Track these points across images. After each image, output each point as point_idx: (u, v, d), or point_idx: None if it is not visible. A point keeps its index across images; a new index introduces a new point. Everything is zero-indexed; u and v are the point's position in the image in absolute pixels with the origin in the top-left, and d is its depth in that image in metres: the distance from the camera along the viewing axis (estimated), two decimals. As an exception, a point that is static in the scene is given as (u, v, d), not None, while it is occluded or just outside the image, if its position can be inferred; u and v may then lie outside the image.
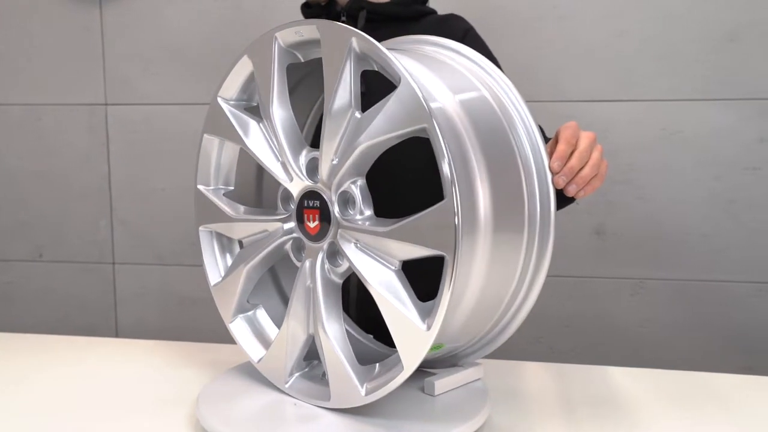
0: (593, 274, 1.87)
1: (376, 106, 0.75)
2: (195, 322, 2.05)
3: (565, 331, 1.89)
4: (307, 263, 0.85)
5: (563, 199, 0.88)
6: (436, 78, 0.83)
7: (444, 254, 0.70)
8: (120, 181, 2.06)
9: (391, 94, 0.74)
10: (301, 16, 1.28)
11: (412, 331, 0.74)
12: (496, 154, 0.80)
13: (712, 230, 1.80)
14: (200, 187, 1.00)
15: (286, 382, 0.89)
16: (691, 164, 1.79)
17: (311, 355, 0.91)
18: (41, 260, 2.13)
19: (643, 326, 1.87)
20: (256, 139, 0.90)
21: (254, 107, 0.95)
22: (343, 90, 0.78)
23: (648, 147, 1.80)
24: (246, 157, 1.00)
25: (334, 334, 0.82)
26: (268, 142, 0.88)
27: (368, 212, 0.81)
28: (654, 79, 1.78)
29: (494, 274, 0.80)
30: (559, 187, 0.84)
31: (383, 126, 0.74)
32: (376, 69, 0.79)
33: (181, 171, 2.00)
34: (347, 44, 0.77)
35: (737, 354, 1.83)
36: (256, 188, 1.07)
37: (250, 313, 0.99)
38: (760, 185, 1.77)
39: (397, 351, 0.92)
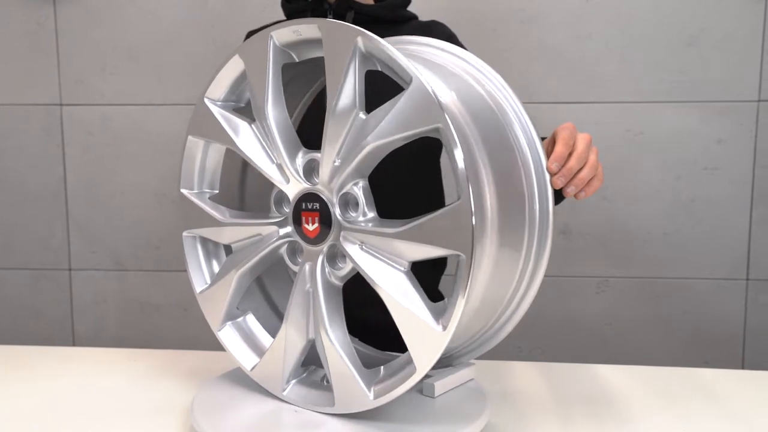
0: (559, 273, 1.90)
1: (383, 106, 0.74)
2: (159, 330, 1.99)
3: (531, 330, 1.91)
4: (307, 267, 0.83)
5: (557, 200, 0.89)
6: (437, 78, 0.83)
7: (460, 254, 0.70)
8: (76, 184, 1.98)
9: (401, 93, 0.73)
10: (280, 12, 1.26)
11: (425, 332, 0.73)
12: (498, 153, 0.80)
13: (673, 229, 1.86)
14: (184, 191, 0.96)
15: (284, 389, 0.87)
16: (653, 165, 1.84)
17: (307, 361, 0.89)
18: (-9, 267, 2.03)
19: (608, 323, 1.91)
20: (248, 141, 0.87)
21: (242, 108, 0.93)
22: (348, 90, 0.77)
23: (612, 148, 1.84)
24: (228, 159, 0.98)
25: (338, 339, 0.81)
26: (261, 143, 0.86)
27: (371, 214, 0.80)
28: (617, 81, 1.82)
29: (498, 273, 0.80)
30: (557, 188, 0.85)
31: (393, 126, 0.73)
32: (379, 69, 0.78)
33: (142, 174, 1.94)
34: (353, 44, 0.75)
35: (696, 348, 1.89)
36: (239, 192, 1.04)
37: (239, 319, 0.96)
38: (719, 185, 1.83)
39: (393, 355, 0.92)
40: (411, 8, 1.27)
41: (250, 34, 1.27)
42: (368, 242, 0.78)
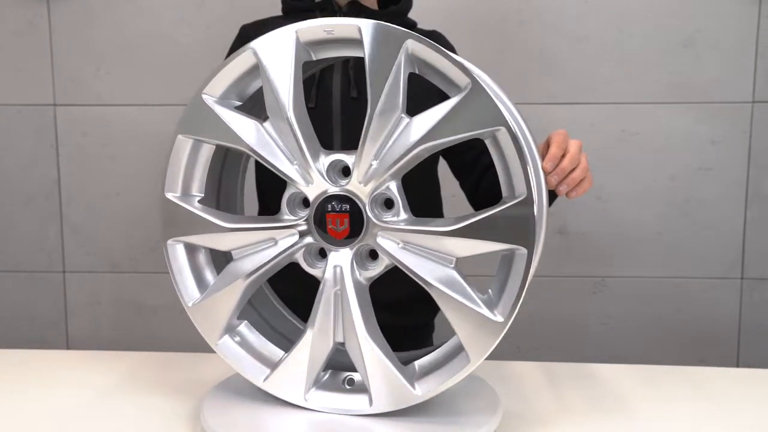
0: (556, 273, 1.91)
1: (432, 109, 0.77)
2: (156, 332, 1.98)
3: (530, 330, 1.92)
4: (336, 269, 0.82)
5: (550, 200, 0.98)
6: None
7: (518, 248, 0.76)
8: (70, 185, 1.96)
9: (455, 97, 0.77)
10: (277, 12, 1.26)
11: (481, 323, 0.77)
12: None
13: (667, 228, 1.87)
14: (169, 195, 0.89)
15: (307, 398, 0.85)
16: (648, 165, 1.85)
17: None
18: (-17, 270, 2.01)
19: (605, 323, 1.92)
20: (262, 141, 0.84)
21: (240, 106, 0.89)
22: (392, 92, 0.77)
23: (608, 148, 1.85)
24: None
25: (375, 338, 0.81)
26: (276, 143, 0.83)
27: (406, 213, 0.81)
28: (613, 82, 1.84)
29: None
30: (551, 187, 0.90)
31: (448, 128, 0.77)
32: (417, 72, 0.80)
33: (137, 175, 1.93)
34: (402, 46, 0.77)
35: (692, 347, 1.91)
36: (215, 194, 0.98)
37: (238, 329, 0.92)
38: (712, 185, 1.85)
39: (415, 352, 0.90)
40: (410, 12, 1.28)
41: (244, 28, 1.26)
42: (412, 241, 0.80)
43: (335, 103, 1.12)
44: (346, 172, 0.83)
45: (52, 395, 1.01)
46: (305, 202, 0.84)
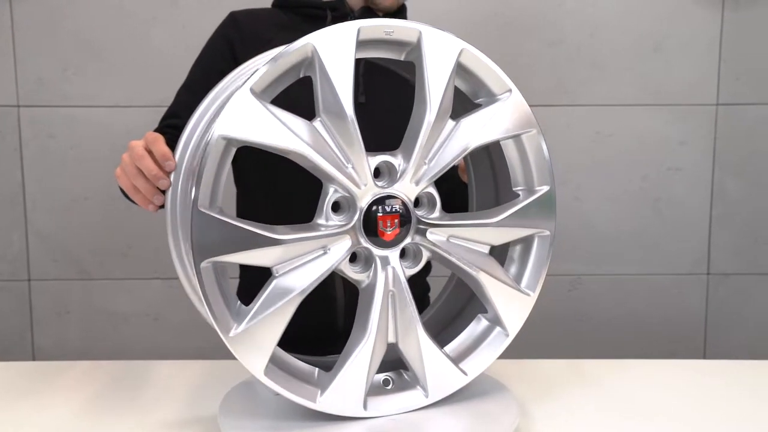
0: (533, 272, 1.94)
1: (477, 113, 0.83)
2: (128, 340, 1.91)
3: (508, 329, 1.95)
4: (389, 270, 0.81)
5: None
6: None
7: (544, 230, 0.89)
8: (35, 189, 1.88)
9: (498, 102, 0.85)
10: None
11: (516, 299, 0.88)
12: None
13: (640, 227, 1.94)
14: (207, 210, 0.74)
15: (366, 407, 0.82)
16: (622, 165, 1.91)
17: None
18: (-61, 280, 1.90)
19: (581, 320, 1.97)
20: (317, 142, 0.76)
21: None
22: (448, 97, 0.80)
23: (583, 149, 1.90)
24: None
25: (427, 332, 0.84)
26: (329, 145, 0.78)
27: (437, 209, 0.84)
28: (588, 85, 1.89)
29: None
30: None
31: (493, 130, 0.84)
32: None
33: (108, 178, 1.85)
34: (456, 54, 0.80)
35: (662, 341, 1.98)
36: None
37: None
38: (681, 185, 1.92)
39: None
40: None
41: (235, 14, 1.18)
42: (457, 234, 0.84)
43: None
44: (382, 173, 0.82)
45: (17, 409, 0.95)
46: (348, 206, 0.81)
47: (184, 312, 1.88)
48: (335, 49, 0.76)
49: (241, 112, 0.74)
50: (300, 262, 0.78)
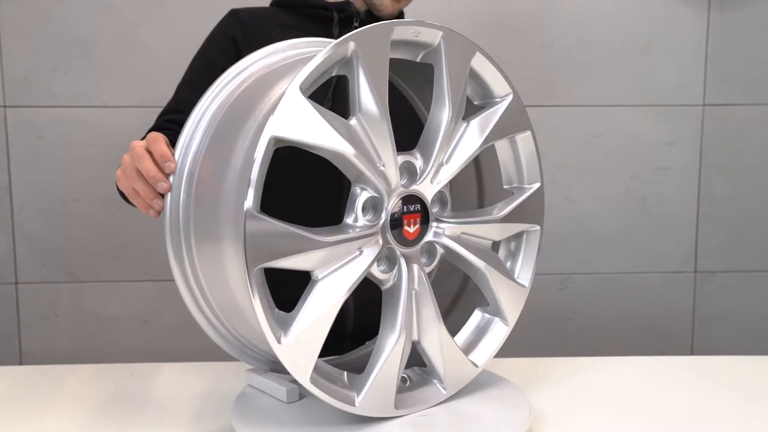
0: (524, 271, 1.95)
1: (484, 114, 0.85)
2: (118, 343, 1.89)
3: (500, 328, 1.96)
4: (413, 268, 0.82)
5: None
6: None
7: (535, 225, 0.93)
8: (23, 191, 1.85)
9: (502, 103, 0.87)
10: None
11: (514, 290, 0.91)
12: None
13: (628, 226, 1.96)
14: (257, 213, 0.70)
15: (397, 406, 0.82)
16: (611, 165, 1.94)
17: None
18: (-77, 284, 1.86)
19: (571, 319, 1.99)
20: (356, 142, 0.75)
21: None
22: (463, 99, 0.82)
23: (573, 149, 1.92)
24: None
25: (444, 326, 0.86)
26: (365, 144, 0.76)
27: (449, 207, 0.85)
28: (577, 86, 1.91)
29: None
30: None
31: (498, 131, 0.86)
32: None
33: (97, 179, 1.84)
34: (472, 58, 0.83)
35: (651, 338, 2.01)
36: None
37: None
38: (669, 184, 1.95)
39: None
40: None
41: (236, 11, 1.16)
42: (468, 231, 0.86)
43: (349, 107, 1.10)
44: (402, 173, 0.82)
45: (3, 416, 0.93)
46: (375, 206, 0.79)
47: (174, 315, 1.86)
48: (374, 49, 0.76)
49: (292, 112, 0.71)
50: (338, 264, 0.76)
